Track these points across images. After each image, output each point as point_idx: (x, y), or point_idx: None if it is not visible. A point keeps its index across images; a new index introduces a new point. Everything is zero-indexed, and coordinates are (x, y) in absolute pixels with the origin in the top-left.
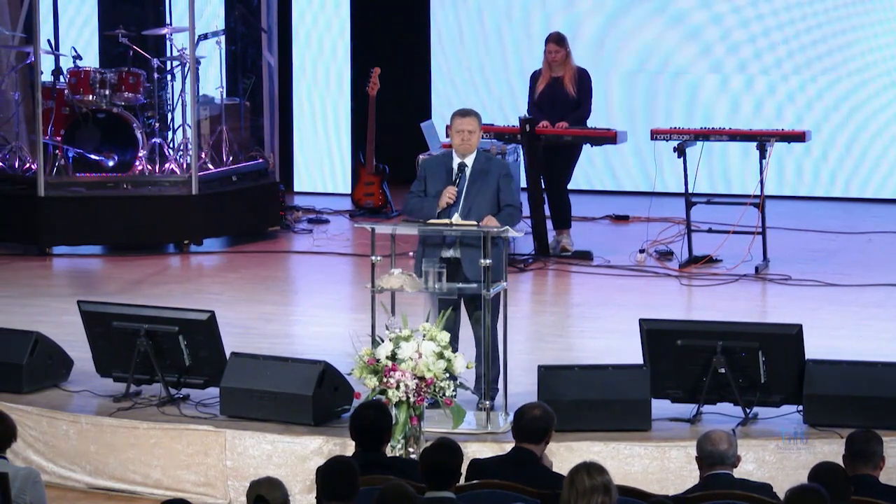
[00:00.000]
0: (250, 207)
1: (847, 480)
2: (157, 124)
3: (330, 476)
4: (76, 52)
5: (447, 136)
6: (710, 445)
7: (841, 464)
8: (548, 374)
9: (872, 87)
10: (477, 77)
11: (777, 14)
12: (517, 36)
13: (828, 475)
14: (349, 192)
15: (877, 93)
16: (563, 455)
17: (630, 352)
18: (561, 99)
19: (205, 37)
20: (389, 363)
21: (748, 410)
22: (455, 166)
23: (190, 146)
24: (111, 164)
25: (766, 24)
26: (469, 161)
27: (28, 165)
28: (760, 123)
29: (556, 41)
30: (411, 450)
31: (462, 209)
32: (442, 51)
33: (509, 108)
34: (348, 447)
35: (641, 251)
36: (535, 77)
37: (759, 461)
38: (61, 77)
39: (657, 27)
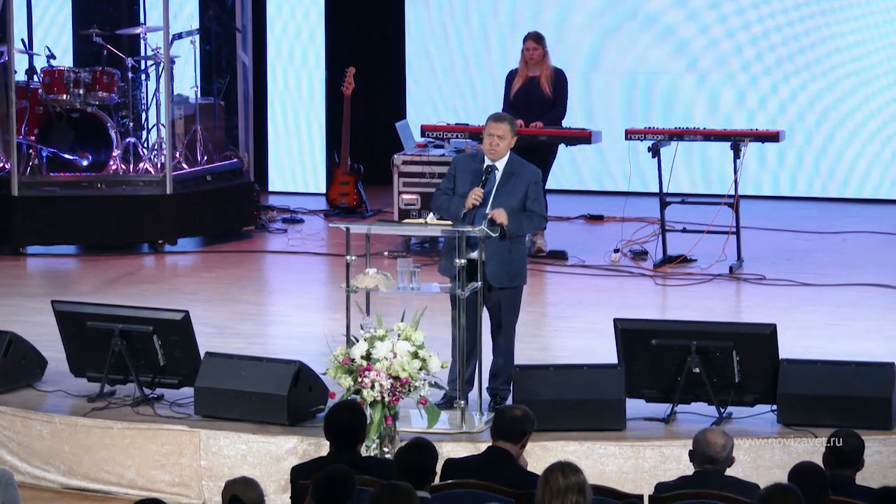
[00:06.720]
0: (225, 207)
1: (826, 481)
2: (132, 124)
3: (328, 485)
4: (50, 51)
5: (422, 136)
6: (704, 445)
7: (819, 463)
8: (523, 374)
9: (846, 85)
10: (451, 77)
11: (747, 12)
12: (492, 36)
13: (807, 475)
14: (324, 191)
15: (850, 91)
16: (538, 455)
17: (605, 351)
18: (537, 99)
19: (179, 36)
20: (364, 363)
21: (722, 410)
22: (484, 168)
23: (164, 146)
24: (85, 163)
25: (743, 21)
26: (500, 164)
27: (2, 165)
28: (738, 123)
29: (535, 39)
30: (386, 450)
31: (490, 211)
32: (416, 51)
33: (483, 108)
34: (323, 447)
35: (616, 251)
36: (510, 76)
37: None
38: (35, 76)
39: (633, 27)
